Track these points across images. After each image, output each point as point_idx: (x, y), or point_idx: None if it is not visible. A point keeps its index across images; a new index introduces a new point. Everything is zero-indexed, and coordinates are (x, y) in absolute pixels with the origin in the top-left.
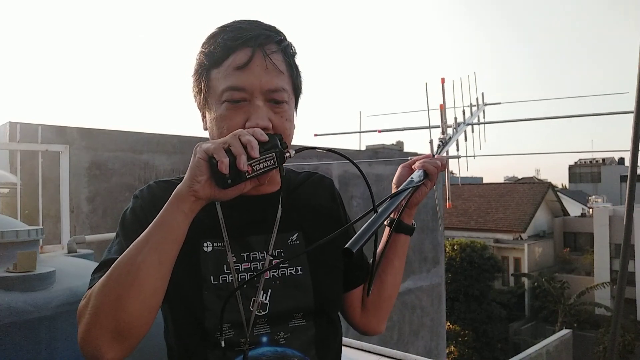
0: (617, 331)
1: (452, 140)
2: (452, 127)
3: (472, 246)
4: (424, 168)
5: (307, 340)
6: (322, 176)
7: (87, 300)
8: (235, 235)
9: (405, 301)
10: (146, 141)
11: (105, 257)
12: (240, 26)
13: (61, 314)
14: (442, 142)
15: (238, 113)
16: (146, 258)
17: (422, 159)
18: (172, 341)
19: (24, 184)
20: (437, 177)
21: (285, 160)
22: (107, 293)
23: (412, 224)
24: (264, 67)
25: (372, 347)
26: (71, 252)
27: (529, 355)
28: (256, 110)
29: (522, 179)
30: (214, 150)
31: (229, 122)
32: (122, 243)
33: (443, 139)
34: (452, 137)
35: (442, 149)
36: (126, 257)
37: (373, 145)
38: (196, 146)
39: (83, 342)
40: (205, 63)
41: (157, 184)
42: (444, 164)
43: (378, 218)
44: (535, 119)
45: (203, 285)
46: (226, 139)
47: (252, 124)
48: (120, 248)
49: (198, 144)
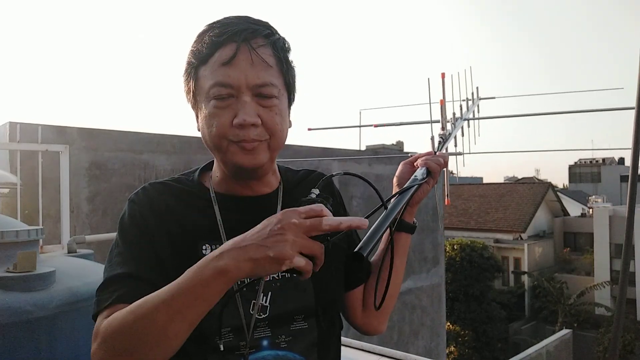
0: (619, 332)
1: (452, 136)
2: (450, 122)
3: (472, 246)
4: (426, 165)
5: (308, 344)
6: (321, 174)
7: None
8: (234, 237)
9: (405, 301)
10: (146, 141)
11: (109, 274)
12: (227, 21)
13: (61, 314)
14: (443, 139)
15: (226, 110)
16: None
17: (424, 157)
18: None
19: (24, 184)
20: (439, 175)
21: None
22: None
23: (414, 223)
24: (249, 62)
25: (372, 347)
26: (71, 252)
27: (529, 355)
28: (243, 106)
29: (522, 179)
30: (298, 262)
31: (217, 119)
32: (124, 254)
33: (443, 135)
34: (451, 133)
35: (443, 145)
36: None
37: (373, 145)
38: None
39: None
40: (193, 62)
41: (152, 186)
42: (446, 161)
43: (385, 218)
44: (530, 115)
45: None
46: (298, 242)
47: (239, 120)
48: (122, 260)
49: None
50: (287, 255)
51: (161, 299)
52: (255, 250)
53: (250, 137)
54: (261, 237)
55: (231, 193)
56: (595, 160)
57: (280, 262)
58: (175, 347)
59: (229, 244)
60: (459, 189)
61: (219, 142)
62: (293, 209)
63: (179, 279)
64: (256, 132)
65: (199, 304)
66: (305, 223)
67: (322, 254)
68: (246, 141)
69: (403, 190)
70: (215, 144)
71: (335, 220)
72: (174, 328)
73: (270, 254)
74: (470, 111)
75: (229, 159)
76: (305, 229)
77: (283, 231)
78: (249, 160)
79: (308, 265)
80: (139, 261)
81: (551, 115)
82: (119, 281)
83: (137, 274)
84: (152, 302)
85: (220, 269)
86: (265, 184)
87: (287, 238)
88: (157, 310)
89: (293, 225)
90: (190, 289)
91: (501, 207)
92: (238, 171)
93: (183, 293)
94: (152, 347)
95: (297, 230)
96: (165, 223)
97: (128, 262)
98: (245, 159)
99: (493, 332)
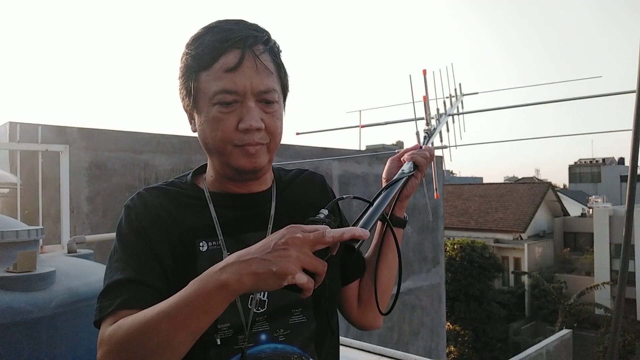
0: (618, 331)
1: (437, 131)
2: (435, 118)
3: (472, 246)
4: (413, 159)
5: (306, 337)
6: (313, 172)
7: (108, 353)
8: (230, 234)
9: (405, 301)
10: (146, 141)
11: (110, 281)
12: (227, 27)
13: (61, 314)
14: (428, 134)
15: (231, 115)
16: (180, 338)
17: (410, 151)
18: None
19: (24, 184)
20: (426, 168)
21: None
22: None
23: (404, 217)
24: (254, 69)
25: (372, 347)
26: (71, 252)
27: (529, 355)
28: (249, 112)
29: (522, 179)
30: (300, 279)
31: (222, 124)
32: (123, 260)
33: (428, 131)
34: (436, 128)
35: (428, 140)
36: (157, 328)
37: (373, 146)
38: (288, 250)
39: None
40: (193, 66)
41: (148, 191)
42: (432, 155)
43: (375, 210)
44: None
45: None
46: (301, 258)
47: (245, 125)
48: (122, 266)
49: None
50: (289, 271)
51: (165, 312)
52: (258, 264)
53: (254, 141)
54: (265, 251)
55: (225, 191)
56: (595, 160)
57: (283, 277)
58: (180, 355)
59: (233, 257)
60: (459, 189)
61: (223, 146)
62: (298, 225)
63: (182, 290)
64: (259, 136)
65: (201, 317)
66: (309, 237)
67: (324, 272)
68: (250, 145)
69: (390, 184)
70: (219, 148)
71: (338, 231)
72: (178, 339)
73: (273, 268)
74: (455, 107)
75: (231, 161)
76: (310, 243)
77: (287, 246)
78: (251, 162)
79: (309, 282)
80: (138, 265)
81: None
82: (119, 287)
83: (137, 278)
84: (156, 314)
85: (222, 283)
86: (260, 183)
87: (290, 254)
88: (160, 321)
89: (297, 239)
90: (192, 302)
91: (501, 207)
92: (239, 173)
93: (186, 305)
94: (157, 357)
95: (301, 245)
96: (162, 225)
97: (127, 267)
98: (247, 162)
99: (493, 332)
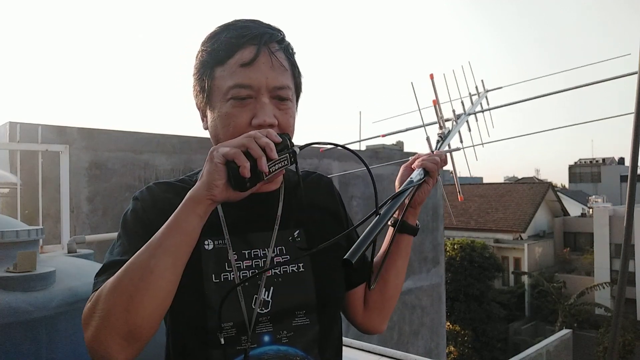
0: (618, 331)
1: (453, 134)
2: (452, 120)
3: (472, 246)
4: (422, 166)
5: (310, 339)
6: (321, 175)
7: (94, 304)
8: (236, 233)
9: (405, 301)
10: (146, 141)
11: (108, 260)
12: (243, 24)
13: (61, 314)
14: (442, 137)
15: (244, 110)
16: (160, 261)
17: (422, 158)
18: (171, 339)
19: (24, 184)
20: (437, 174)
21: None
22: (119, 296)
23: (417, 224)
24: (269, 65)
25: (372, 347)
26: (71, 252)
27: (528, 355)
28: (262, 107)
29: (522, 179)
30: (234, 155)
31: (235, 119)
32: (125, 245)
33: (442, 134)
34: (451, 130)
35: (442, 144)
36: (138, 260)
37: (373, 146)
38: (212, 150)
39: (93, 345)
40: (208, 61)
41: (157, 185)
42: (444, 160)
43: (377, 224)
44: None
45: (204, 284)
46: (243, 142)
47: (258, 120)
48: (123, 250)
49: (214, 148)
50: (228, 155)
51: (147, 248)
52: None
53: None
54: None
55: None
56: (595, 160)
57: (222, 162)
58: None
59: None
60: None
61: None
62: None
63: None
64: None
65: (175, 235)
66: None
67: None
68: None
69: (396, 195)
70: None
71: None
72: (156, 263)
73: (215, 160)
74: (477, 104)
75: None
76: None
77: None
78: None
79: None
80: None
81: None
82: (116, 265)
83: None
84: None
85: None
86: (269, 182)
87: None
88: (140, 252)
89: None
90: (166, 226)
91: (501, 207)
92: None
93: (160, 231)
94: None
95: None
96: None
97: (128, 252)
98: None
99: (493, 332)
